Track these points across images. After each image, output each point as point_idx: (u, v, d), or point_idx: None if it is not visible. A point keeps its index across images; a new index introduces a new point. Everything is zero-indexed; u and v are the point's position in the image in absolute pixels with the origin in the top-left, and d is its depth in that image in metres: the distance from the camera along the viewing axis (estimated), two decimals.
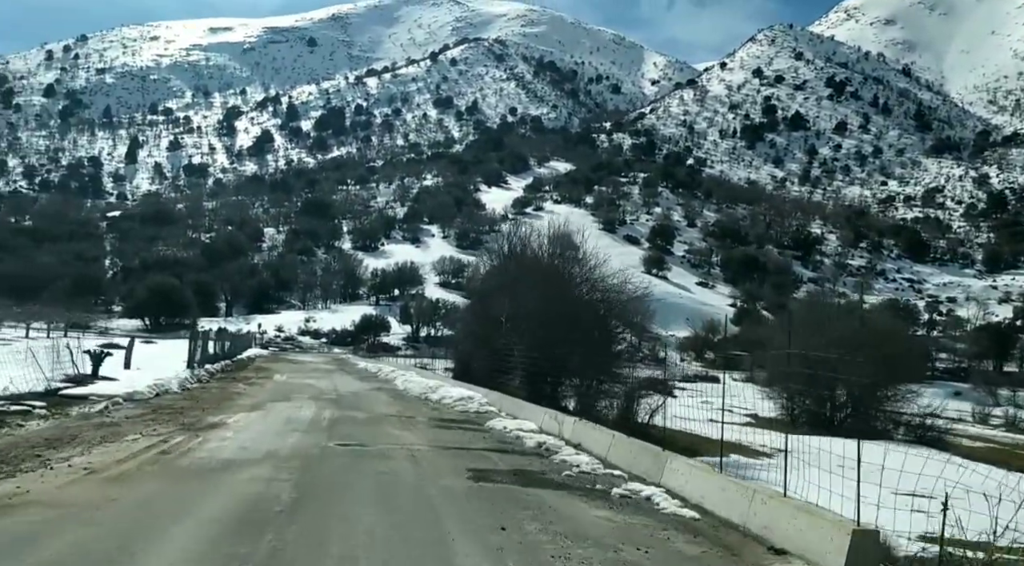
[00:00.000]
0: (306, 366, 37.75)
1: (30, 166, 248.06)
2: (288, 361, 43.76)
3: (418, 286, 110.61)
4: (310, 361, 45.87)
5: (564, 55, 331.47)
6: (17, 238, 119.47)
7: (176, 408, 14.64)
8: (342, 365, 43.08)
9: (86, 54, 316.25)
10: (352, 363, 47.10)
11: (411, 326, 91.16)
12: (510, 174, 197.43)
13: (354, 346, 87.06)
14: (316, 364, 42.20)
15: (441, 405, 18.88)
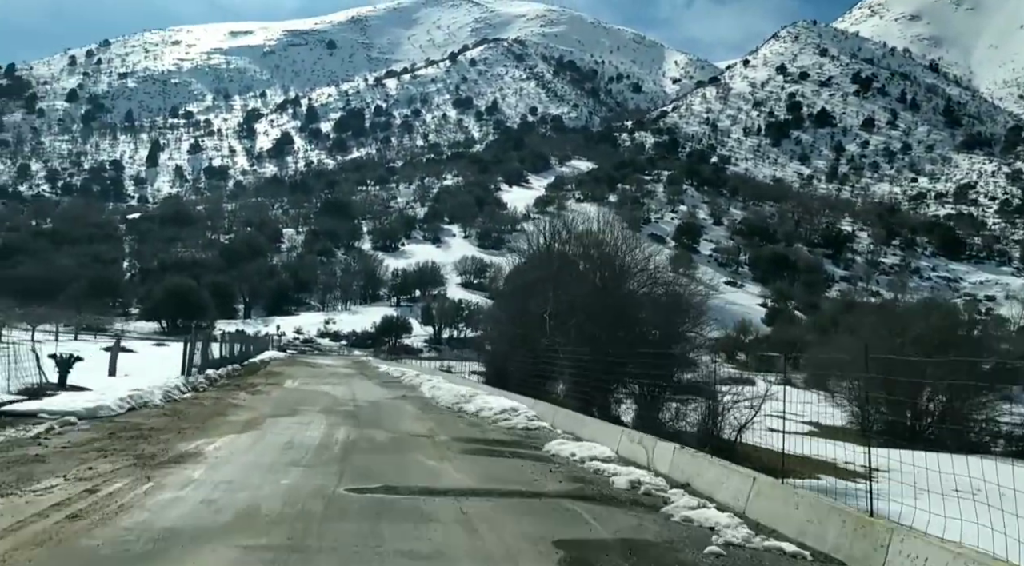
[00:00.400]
0: (323, 370, 34.26)
1: (53, 170, 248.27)
2: (304, 364, 40.40)
3: (440, 286, 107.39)
4: (328, 364, 42.47)
5: (584, 54, 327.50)
6: (37, 240, 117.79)
7: (144, 430, 11.11)
8: (362, 369, 39.59)
9: (108, 59, 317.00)
10: (373, 366, 43.63)
11: (433, 327, 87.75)
12: (531, 173, 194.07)
13: (375, 348, 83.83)
14: (334, 368, 38.76)
15: (480, 420, 15.23)
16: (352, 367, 41.07)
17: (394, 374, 33.55)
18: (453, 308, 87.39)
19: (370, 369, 39.94)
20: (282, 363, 39.21)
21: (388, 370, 37.14)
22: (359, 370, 37.64)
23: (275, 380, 24.23)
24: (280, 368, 33.51)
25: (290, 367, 35.05)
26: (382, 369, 38.86)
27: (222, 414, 13.48)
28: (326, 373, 31.60)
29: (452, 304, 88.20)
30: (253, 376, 25.86)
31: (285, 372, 29.99)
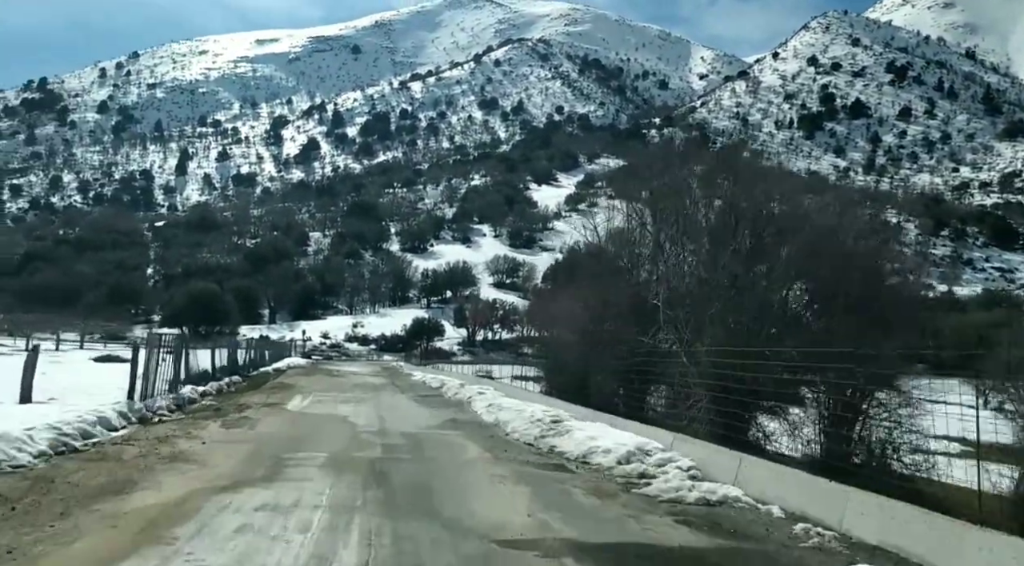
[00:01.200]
0: (346, 381, 28.15)
1: (84, 181, 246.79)
2: (326, 373, 34.36)
3: (471, 287, 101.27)
4: (354, 372, 36.40)
5: (609, 53, 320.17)
6: (60, 248, 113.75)
7: None
8: (393, 377, 33.45)
9: (137, 70, 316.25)
10: (405, 374, 37.49)
11: (466, 330, 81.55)
12: (560, 172, 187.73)
13: (405, 352, 77.86)
14: (360, 376, 32.67)
15: (604, 477, 8.82)
16: (381, 375, 34.95)
17: (432, 384, 27.34)
18: (487, 308, 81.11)
19: (402, 378, 33.79)
20: (300, 372, 33.16)
21: (424, 379, 30.92)
22: (389, 379, 31.48)
23: (280, 397, 18.05)
24: (295, 379, 27.45)
25: (307, 377, 28.99)
26: (416, 377, 32.66)
27: (120, 492, 7.04)
28: (349, 385, 25.47)
29: (486, 304, 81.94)
30: (254, 392, 19.74)
31: (298, 384, 23.87)
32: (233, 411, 14.27)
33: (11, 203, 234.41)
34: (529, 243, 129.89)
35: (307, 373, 32.78)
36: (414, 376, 34.10)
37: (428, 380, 29.60)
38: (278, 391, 20.70)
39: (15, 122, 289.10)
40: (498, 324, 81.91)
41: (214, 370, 21.56)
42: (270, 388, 21.96)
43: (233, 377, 22.60)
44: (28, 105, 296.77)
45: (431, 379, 30.04)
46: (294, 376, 29.55)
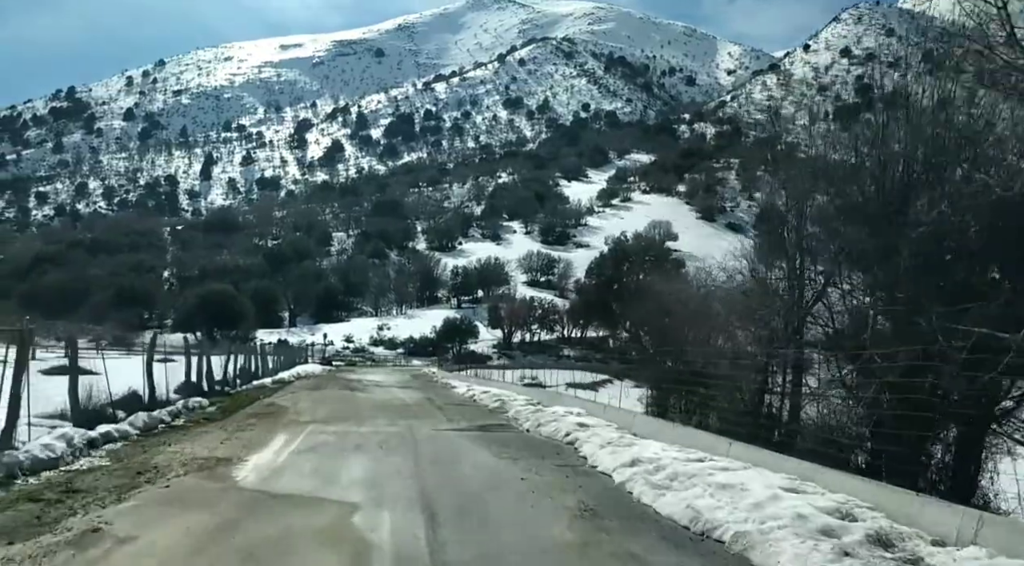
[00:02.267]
0: (366, 399, 20.20)
1: (109, 187, 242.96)
2: (342, 385, 26.48)
3: (504, 285, 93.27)
4: (378, 382, 28.47)
5: (634, 50, 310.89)
6: (73, 251, 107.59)
7: None
8: (428, 389, 25.43)
9: (163, 78, 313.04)
10: (441, 384, 29.48)
11: (502, 331, 73.34)
12: (589, 168, 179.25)
13: (436, 356, 69.94)
14: (386, 389, 24.77)
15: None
16: (413, 387, 26.97)
17: (485, 402, 19.35)
18: (525, 307, 72.87)
19: (439, 389, 25.80)
20: (308, 385, 25.29)
21: (471, 393, 22.82)
22: (424, 393, 23.43)
23: (240, 445, 10.21)
24: (295, 397, 19.61)
25: (313, 394, 21.16)
26: (460, 390, 24.56)
27: None
28: (369, 405, 17.58)
29: (524, 303, 73.69)
30: (209, 427, 12.05)
31: (294, 409, 16.02)
32: (136, 476, 6.22)
33: (36, 210, 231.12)
34: (562, 239, 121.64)
35: (316, 386, 24.84)
36: (455, 389, 25.98)
37: (478, 395, 21.46)
38: (252, 426, 12.67)
39: (43, 131, 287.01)
40: (536, 324, 73.74)
41: (188, 383, 13.64)
42: (245, 417, 13.96)
43: (193, 400, 14.58)
44: (56, 114, 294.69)
45: (481, 394, 21.89)
46: (297, 392, 21.61)
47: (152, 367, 13.55)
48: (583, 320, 66.42)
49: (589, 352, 72.63)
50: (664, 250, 65.85)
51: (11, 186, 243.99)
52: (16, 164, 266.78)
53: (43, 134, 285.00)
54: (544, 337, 73.88)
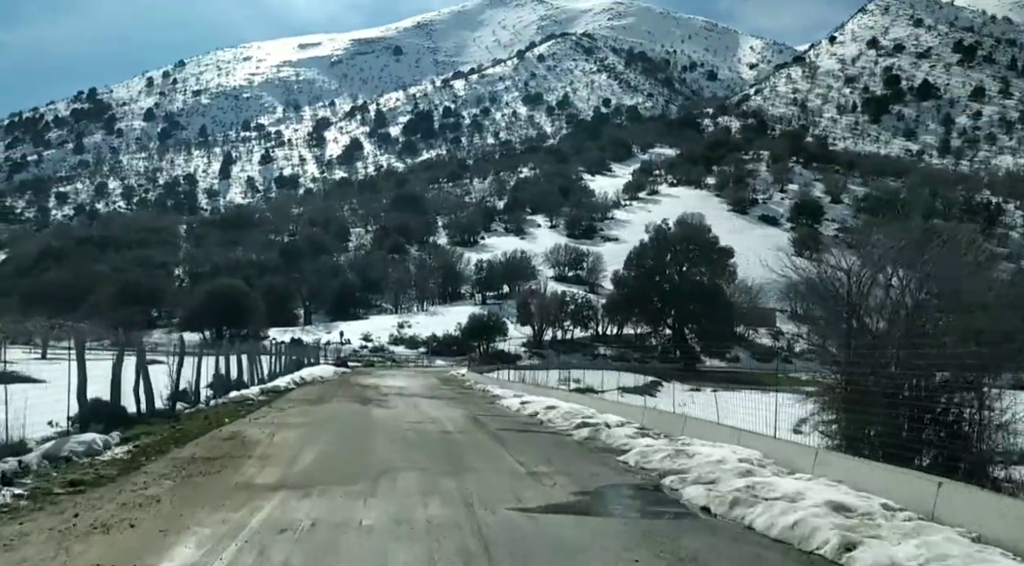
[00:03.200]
0: (384, 421, 13.71)
1: (128, 187, 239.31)
2: (357, 392, 20.36)
3: (531, 280, 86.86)
4: (401, 388, 22.20)
5: (654, 45, 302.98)
6: (80, 247, 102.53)
7: None
8: (465, 400, 19.19)
9: (183, 78, 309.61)
10: (480, 392, 23.11)
11: (532, 328, 66.86)
12: (613, 161, 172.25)
13: (462, 356, 63.65)
14: (410, 396, 18.67)
15: None
16: (445, 395, 20.74)
17: (559, 422, 13.26)
18: (555, 303, 66.29)
19: (480, 400, 19.53)
20: (308, 397, 19.11)
21: (527, 406, 16.32)
22: (462, 405, 17.28)
23: (117, 540, 3.43)
24: (287, 413, 13.88)
25: (317, 407, 15.37)
26: (508, 402, 18.24)
27: None
28: (390, 431, 11.48)
29: (554, 298, 67.10)
30: (110, 483, 5.40)
31: (274, 438, 10.30)
32: None
33: (56, 210, 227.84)
34: (589, 233, 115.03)
35: (320, 398, 18.57)
36: (502, 399, 19.57)
37: (539, 411, 14.97)
38: (148, 502, 6.20)
39: (64, 132, 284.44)
40: (568, 321, 67.22)
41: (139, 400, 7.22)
42: (159, 473, 7.54)
43: (82, 438, 8.19)
44: (77, 115, 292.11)
45: (544, 409, 15.39)
46: (288, 408, 15.36)
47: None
48: (621, 316, 59.76)
49: (626, 350, 66.08)
50: (710, 239, 59.06)
51: (32, 186, 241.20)
52: (37, 165, 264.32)
53: (64, 135, 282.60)
54: (577, 334, 67.40)
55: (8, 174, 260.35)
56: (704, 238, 58.51)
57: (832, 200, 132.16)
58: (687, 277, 57.77)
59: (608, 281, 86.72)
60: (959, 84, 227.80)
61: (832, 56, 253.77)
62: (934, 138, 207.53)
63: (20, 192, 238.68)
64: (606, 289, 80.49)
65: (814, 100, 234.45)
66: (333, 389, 22.18)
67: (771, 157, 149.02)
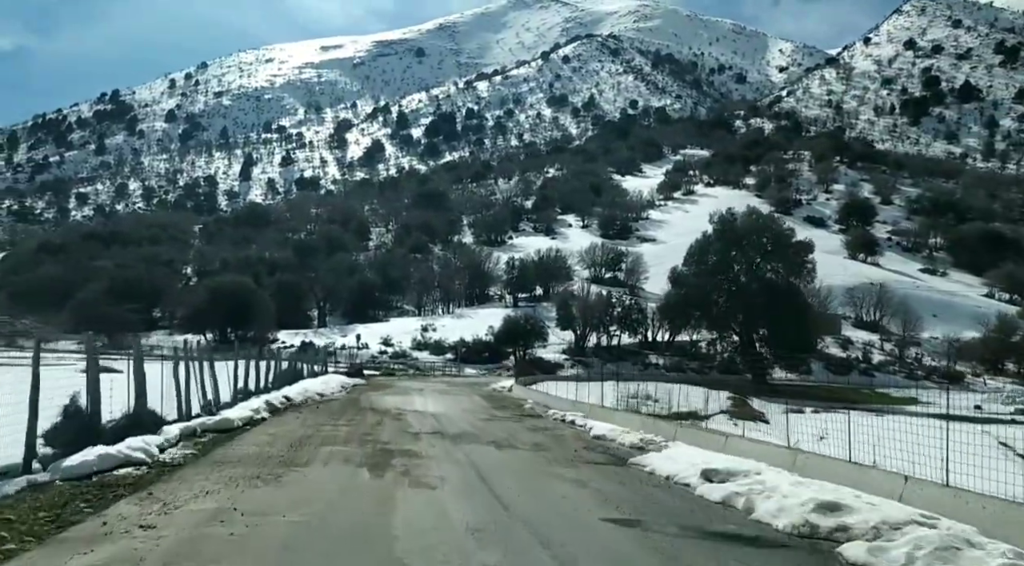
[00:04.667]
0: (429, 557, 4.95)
1: (149, 188, 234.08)
2: (366, 426, 12.13)
3: (566, 281, 78.62)
4: (431, 419, 14.39)
5: (682, 47, 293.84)
6: (88, 243, 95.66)
7: None
8: (554, 450, 10.69)
9: (205, 80, 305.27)
10: (558, 423, 15.19)
11: (573, 333, 58.43)
12: (643, 162, 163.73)
13: (494, 363, 55.54)
14: (453, 435, 11.88)
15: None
16: (508, 431, 12.86)
17: (785, 515, 4.90)
18: (601, 305, 57.85)
19: (579, 446, 11.28)
20: (284, 435, 11.15)
21: (669, 458, 8.02)
22: (572, 467, 8.67)
23: None
24: (188, 505, 4.86)
25: (266, 485, 6.23)
26: (651, 462, 9.53)
27: None
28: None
29: (599, 300, 58.62)
30: None
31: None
32: None
33: (76, 211, 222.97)
34: (624, 233, 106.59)
35: (292, 449, 10.22)
36: (613, 438, 11.17)
37: (733, 490, 6.34)
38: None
39: (86, 133, 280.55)
40: (614, 325, 58.72)
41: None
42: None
43: None
44: (99, 116, 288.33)
45: (728, 479, 6.91)
46: (176, 510, 6.70)
47: None
48: (680, 319, 51.18)
49: (681, 359, 57.44)
50: (785, 231, 50.35)
51: (52, 187, 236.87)
52: (59, 166, 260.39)
53: (86, 136, 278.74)
54: (627, 340, 58.90)
55: (30, 175, 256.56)
56: (778, 229, 49.79)
57: (882, 201, 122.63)
58: (758, 275, 49.05)
59: (649, 283, 78.26)
60: (1002, 86, 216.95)
61: (867, 58, 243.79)
62: (977, 141, 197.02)
63: (40, 193, 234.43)
64: (648, 292, 72.08)
65: (850, 102, 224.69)
66: (329, 421, 14.01)
67: (814, 157, 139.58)
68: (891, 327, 71.16)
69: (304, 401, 17.54)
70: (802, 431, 11.49)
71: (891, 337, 68.79)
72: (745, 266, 49.31)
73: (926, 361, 63.06)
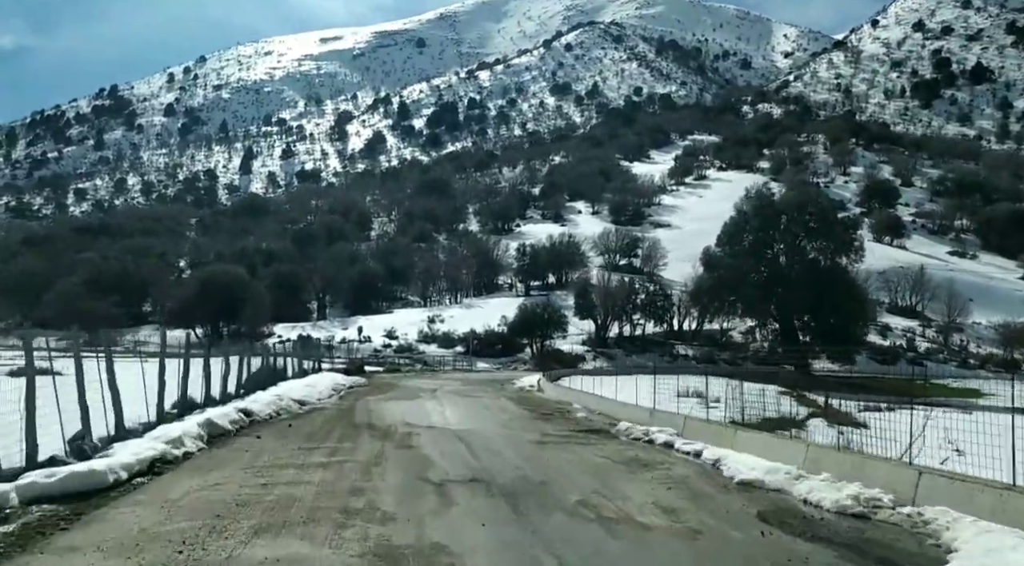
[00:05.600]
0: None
1: (148, 182, 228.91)
2: (360, 451, 6.51)
3: (580, 268, 73.55)
4: (452, 439, 9.07)
5: (685, 34, 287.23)
6: (79, 236, 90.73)
7: None
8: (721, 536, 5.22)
9: (204, 74, 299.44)
10: (630, 438, 10.87)
11: (594, 322, 53.23)
12: (651, 148, 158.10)
13: (508, 356, 50.53)
14: (502, 492, 5.89)
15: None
16: (581, 458, 7.29)
17: None
18: (624, 291, 52.63)
19: (723, 499, 5.62)
20: (194, 502, 5.36)
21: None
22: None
23: None
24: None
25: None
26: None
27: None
28: None
29: (621, 286, 53.35)
30: None
31: None
32: None
33: (74, 207, 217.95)
34: (636, 219, 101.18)
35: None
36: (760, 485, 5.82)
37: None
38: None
39: (85, 129, 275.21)
40: (638, 313, 53.56)
41: None
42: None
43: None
44: (98, 111, 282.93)
45: None
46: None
47: None
48: (714, 305, 45.99)
49: (711, 349, 52.24)
50: (827, 206, 45.09)
51: (51, 183, 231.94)
52: (57, 162, 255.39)
53: (85, 132, 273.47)
54: (652, 329, 53.72)
55: (28, 171, 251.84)
56: (823, 204, 44.55)
57: (903, 183, 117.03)
58: (801, 255, 43.83)
59: (668, 270, 73.13)
60: (1015, 67, 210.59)
61: (876, 40, 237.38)
62: (991, 123, 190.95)
63: (39, 189, 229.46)
64: (667, 279, 66.90)
65: (859, 85, 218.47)
66: (296, 457, 8.82)
67: (829, 139, 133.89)
68: (927, 313, 66.21)
69: (274, 414, 12.50)
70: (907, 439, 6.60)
71: (930, 323, 63.73)
72: (786, 245, 44.01)
73: (971, 348, 58.11)
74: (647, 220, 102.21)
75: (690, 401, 19.08)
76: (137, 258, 72.13)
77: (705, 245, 49.98)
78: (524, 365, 48.24)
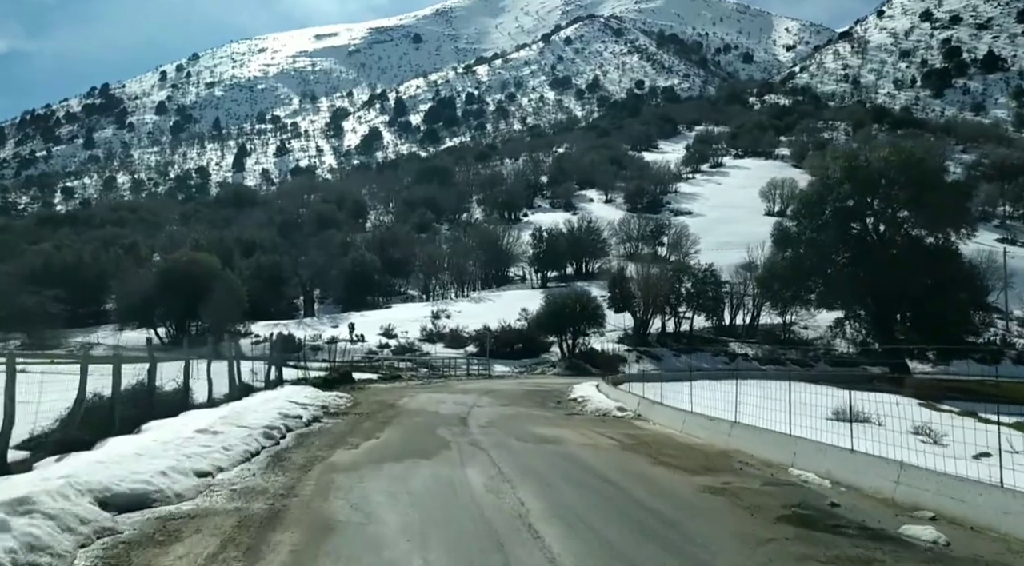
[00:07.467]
0: None
1: (138, 180, 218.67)
2: None
3: (602, 257, 64.09)
4: None
5: (685, 27, 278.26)
6: (38, 227, 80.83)
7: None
8: None
9: (197, 71, 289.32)
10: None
11: (633, 316, 43.63)
12: (659, 138, 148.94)
13: (531, 357, 40.95)
14: None
15: None
16: None
17: None
18: (667, 280, 43.06)
19: None
20: None
21: None
22: None
23: None
24: None
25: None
26: None
27: None
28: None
29: (662, 275, 43.75)
30: None
31: None
32: None
33: (62, 205, 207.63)
34: (654, 207, 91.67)
35: None
36: None
37: None
38: None
39: (75, 127, 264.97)
40: (683, 306, 44.06)
41: None
42: None
43: None
44: (88, 110, 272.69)
45: None
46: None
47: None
48: (790, 291, 36.49)
49: (773, 348, 42.74)
50: (934, 170, 35.65)
51: (38, 182, 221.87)
52: (46, 161, 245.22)
53: (74, 131, 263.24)
54: (701, 323, 44.18)
55: (16, 171, 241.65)
56: (927, 167, 35.07)
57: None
58: (901, 230, 34.37)
59: (698, 259, 63.96)
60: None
61: (882, 30, 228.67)
62: (1006, 112, 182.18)
63: (26, 188, 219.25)
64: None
65: (867, 75, 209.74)
66: None
67: (852, 124, 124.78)
68: (995, 304, 57.15)
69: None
70: None
71: (1010, 315, 54.63)
72: (885, 217, 34.41)
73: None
74: (666, 208, 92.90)
75: (841, 425, 9.42)
76: (100, 249, 62.28)
77: (740, 230, 40.34)
78: (552, 368, 38.68)
